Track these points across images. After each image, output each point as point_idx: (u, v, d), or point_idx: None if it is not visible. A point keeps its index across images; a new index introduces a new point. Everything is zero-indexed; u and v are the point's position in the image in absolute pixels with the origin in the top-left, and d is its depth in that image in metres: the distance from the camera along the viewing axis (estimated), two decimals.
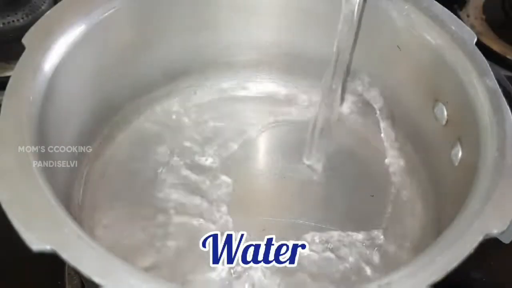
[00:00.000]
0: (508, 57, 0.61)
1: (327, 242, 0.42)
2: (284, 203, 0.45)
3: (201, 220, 0.43)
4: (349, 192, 0.45)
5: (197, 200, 0.44)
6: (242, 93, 0.52)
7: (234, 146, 0.48)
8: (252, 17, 0.49)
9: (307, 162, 0.47)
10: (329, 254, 0.41)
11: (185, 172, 0.46)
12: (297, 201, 0.45)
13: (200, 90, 0.51)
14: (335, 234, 0.42)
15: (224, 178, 0.45)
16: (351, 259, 0.41)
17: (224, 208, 0.43)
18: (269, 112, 0.51)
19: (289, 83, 0.52)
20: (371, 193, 0.45)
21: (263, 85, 0.52)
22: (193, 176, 0.45)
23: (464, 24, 0.42)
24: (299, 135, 0.48)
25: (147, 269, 0.39)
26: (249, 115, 0.50)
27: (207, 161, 0.46)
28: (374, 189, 0.46)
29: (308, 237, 0.42)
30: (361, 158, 0.48)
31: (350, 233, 0.42)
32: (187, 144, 0.47)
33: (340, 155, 0.48)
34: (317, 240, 0.42)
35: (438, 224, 0.41)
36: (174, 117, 0.49)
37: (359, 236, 0.42)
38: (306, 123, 0.48)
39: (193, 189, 0.45)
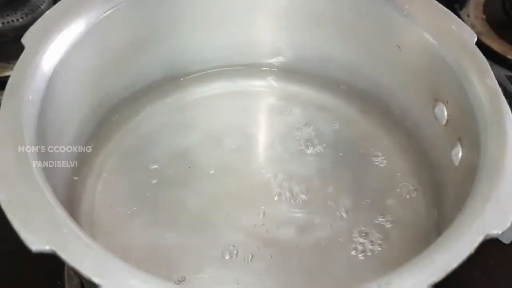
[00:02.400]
0: (509, 57, 0.61)
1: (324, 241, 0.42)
2: (286, 197, 0.45)
3: (203, 212, 0.43)
4: (348, 192, 0.45)
5: (198, 197, 0.44)
6: (243, 92, 0.52)
7: (235, 144, 0.47)
8: (252, 17, 0.49)
9: (308, 161, 0.47)
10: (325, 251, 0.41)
11: (186, 170, 0.45)
12: (299, 195, 0.45)
13: (200, 89, 0.51)
14: (335, 233, 0.42)
15: (225, 175, 0.45)
16: (349, 260, 0.41)
17: (226, 200, 0.43)
18: (270, 111, 0.51)
19: (290, 83, 0.52)
20: (371, 193, 0.45)
21: (264, 85, 0.52)
22: (193, 175, 0.45)
23: (464, 24, 0.42)
24: (299, 133, 0.48)
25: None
26: (249, 114, 0.50)
27: (207, 159, 0.46)
28: (374, 189, 0.45)
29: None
30: (361, 157, 0.47)
31: (349, 233, 0.42)
32: (188, 143, 0.47)
33: (340, 155, 0.48)
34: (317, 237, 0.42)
35: (438, 224, 0.41)
36: (174, 116, 0.49)
37: (359, 236, 0.42)
38: (307, 121, 0.49)
39: (194, 188, 0.45)
